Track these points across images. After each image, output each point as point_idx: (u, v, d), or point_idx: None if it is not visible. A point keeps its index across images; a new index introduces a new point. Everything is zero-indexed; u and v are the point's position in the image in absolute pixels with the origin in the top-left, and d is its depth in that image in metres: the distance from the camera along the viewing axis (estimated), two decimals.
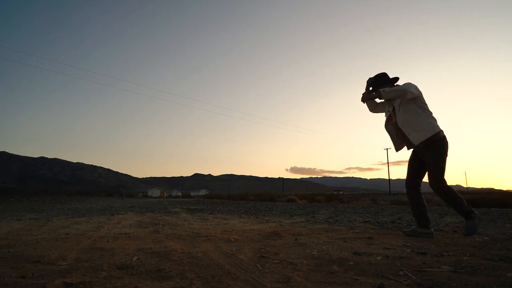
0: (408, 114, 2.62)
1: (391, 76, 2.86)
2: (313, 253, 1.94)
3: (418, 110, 2.61)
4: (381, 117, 2.96)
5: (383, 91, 2.59)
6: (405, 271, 1.48)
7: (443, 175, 2.58)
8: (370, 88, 2.88)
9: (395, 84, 2.83)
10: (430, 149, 2.59)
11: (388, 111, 2.82)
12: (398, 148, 2.84)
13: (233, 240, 2.57)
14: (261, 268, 1.57)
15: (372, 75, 2.89)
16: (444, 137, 2.62)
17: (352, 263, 1.66)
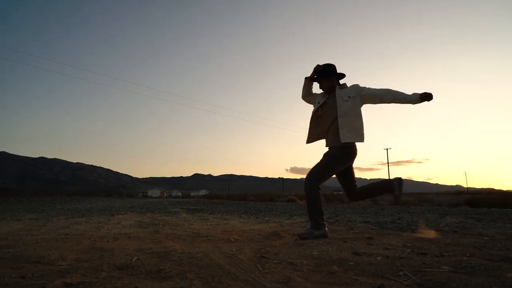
0: (352, 110, 2.62)
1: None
2: (313, 253, 1.94)
3: (360, 114, 2.66)
4: (381, 117, 2.93)
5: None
6: (405, 271, 1.48)
7: (321, 178, 2.61)
8: (315, 77, 2.86)
9: (340, 82, 2.82)
10: (339, 151, 2.62)
11: (318, 103, 2.81)
12: (310, 141, 2.85)
13: (233, 240, 2.57)
14: (261, 268, 1.57)
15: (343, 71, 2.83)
16: (355, 150, 2.68)
17: (352, 263, 1.66)
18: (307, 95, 2.97)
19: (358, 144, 2.68)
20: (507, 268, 1.52)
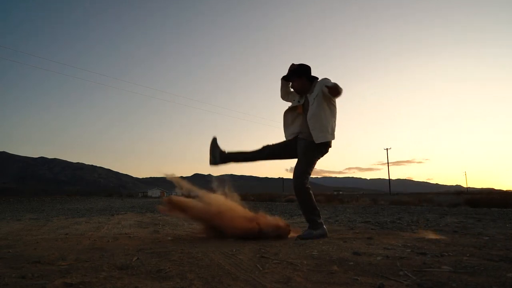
0: (319, 110, 2.60)
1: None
2: (313, 253, 1.94)
3: (328, 112, 2.63)
4: (382, 117, 2.94)
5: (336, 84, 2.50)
6: (405, 271, 1.48)
7: (307, 174, 2.64)
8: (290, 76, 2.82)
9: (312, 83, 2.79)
10: (314, 148, 2.63)
11: (299, 101, 2.79)
12: (287, 137, 2.84)
13: (233, 240, 2.57)
14: (261, 268, 1.57)
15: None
16: (330, 146, 2.69)
17: (352, 263, 1.66)
18: (285, 94, 2.95)
19: (360, 144, 2.68)
20: (507, 268, 1.52)
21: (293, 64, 2.76)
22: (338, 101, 2.70)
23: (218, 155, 2.67)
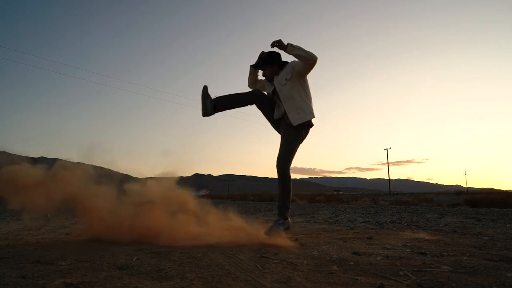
0: (294, 92, 2.58)
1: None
2: (313, 253, 1.94)
3: (302, 93, 2.60)
4: (383, 117, 2.93)
5: (291, 44, 2.47)
6: (405, 271, 1.48)
7: (291, 160, 2.62)
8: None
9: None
10: (294, 130, 2.60)
11: (268, 93, 2.76)
12: (277, 116, 2.75)
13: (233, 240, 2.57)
14: (261, 268, 1.57)
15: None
16: (311, 126, 2.67)
17: (352, 263, 1.66)
18: (253, 83, 2.93)
19: (360, 145, 2.66)
20: (507, 268, 1.52)
21: (263, 52, 2.71)
22: (341, 101, 2.69)
23: (209, 105, 2.59)
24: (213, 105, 2.62)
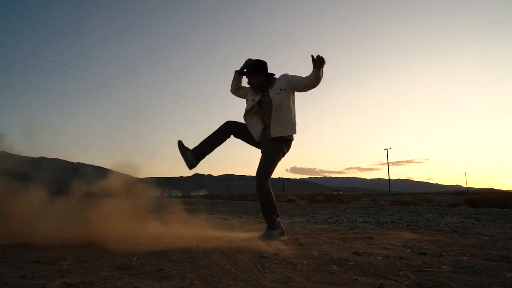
0: (284, 103, 2.60)
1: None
2: (313, 253, 1.94)
3: (291, 106, 2.64)
4: (383, 117, 2.93)
5: (322, 69, 2.51)
6: (405, 271, 1.48)
7: (270, 175, 2.62)
8: (245, 70, 2.76)
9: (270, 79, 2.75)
10: (274, 144, 2.61)
11: (253, 100, 2.73)
12: (258, 138, 2.72)
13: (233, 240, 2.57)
14: (261, 268, 1.57)
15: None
16: (292, 140, 2.69)
17: (352, 263, 1.67)
18: (236, 89, 2.91)
19: (360, 145, 2.65)
20: (507, 268, 1.52)
21: (250, 59, 2.70)
22: (341, 101, 2.69)
23: (191, 157, 2.60)
24: (194, 156, 2.61)
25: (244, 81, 2.88)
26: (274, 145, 2.61)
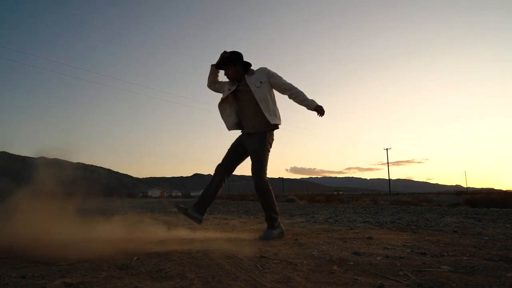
0: (268, 95, 2.63)
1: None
2: (313, 253, 1.94)
3: (274, 98, 2.72)
4: (383, 117, 2.93)
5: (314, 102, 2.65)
6: (405, 271, 1.48)
7: (265, 170, 2.63)
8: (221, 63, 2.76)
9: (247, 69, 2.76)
10: (261, 138, 2.61)
11: (229, 89, 2.73)
12: (230, 127, 2.78)
13: (233, 240, 2.57)
14: (261, 268, 1.57)
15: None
16: (275, 129, 2.72)
17: (352, 263, 1.67)
18: (213, 83, 2.88)
19: (360, 144, 2.68)
20: (507, 268, 1.52)
21: (225, 52, 2.68)
22: (341, 102, 2.71)
23: (196, 214, 2.60)
24: (197, 212, 2.62)
25: (221, 76, 2.86)
26: (263, 139, 2.61)
